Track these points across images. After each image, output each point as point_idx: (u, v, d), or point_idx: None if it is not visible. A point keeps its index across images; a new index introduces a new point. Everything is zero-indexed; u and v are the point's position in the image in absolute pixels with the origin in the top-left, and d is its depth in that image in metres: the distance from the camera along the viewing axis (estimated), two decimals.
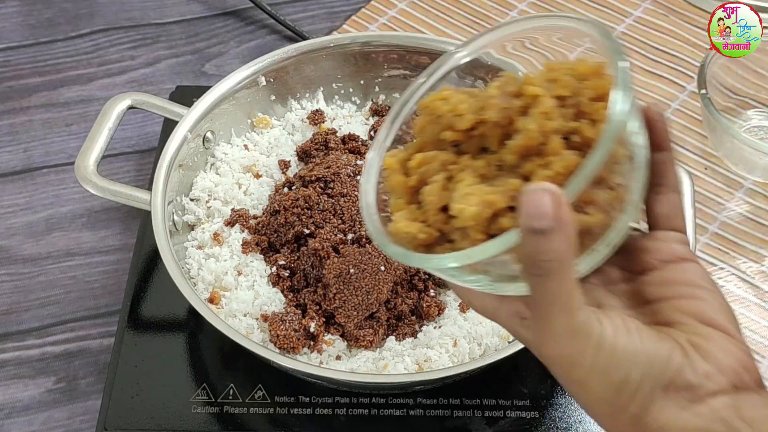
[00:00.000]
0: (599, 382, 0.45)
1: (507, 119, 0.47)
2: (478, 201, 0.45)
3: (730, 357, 0.46)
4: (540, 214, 0.42)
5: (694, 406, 0.45)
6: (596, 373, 0.45)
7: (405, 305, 0.74)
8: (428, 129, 0.50)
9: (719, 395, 0.45)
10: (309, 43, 0.89)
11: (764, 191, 0.93)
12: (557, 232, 0.42)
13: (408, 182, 0.49)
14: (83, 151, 0.79)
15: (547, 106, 0.46)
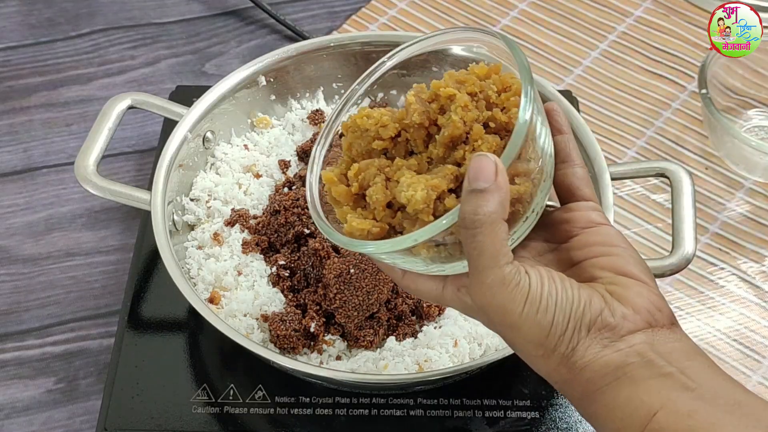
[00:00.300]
0: (531, 325, 0.51)
1: (428, 120, 0.55)
2: (424, 186, 0.52)
3: (644, 300, 0.52)
4: (483, 177, 0.49)
5: (614, 344, 0.51)
6: (527, 318, 0.51)
7: (405, 305, 0.74)
8: (356, 144, 0.57)
9: (636, 333, 0.51)
10: (309, 43, 0.89)
11: (765, 191, 0.93)
12: (493, 192, 0.49)
13: (350, 191, 0.55)
14: (83, 151, 0.79)
15: (465, 99, 0.53)
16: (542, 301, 0.51)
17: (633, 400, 0.49)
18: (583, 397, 0.52)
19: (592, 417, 0.52)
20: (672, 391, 0.49)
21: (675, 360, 0.50)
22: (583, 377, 0.51)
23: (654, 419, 0.48)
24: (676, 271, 0.71)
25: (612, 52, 1.05)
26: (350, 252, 0.73)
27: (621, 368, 0.50)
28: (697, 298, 0.85)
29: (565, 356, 0.51)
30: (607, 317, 0.51)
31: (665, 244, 0.87)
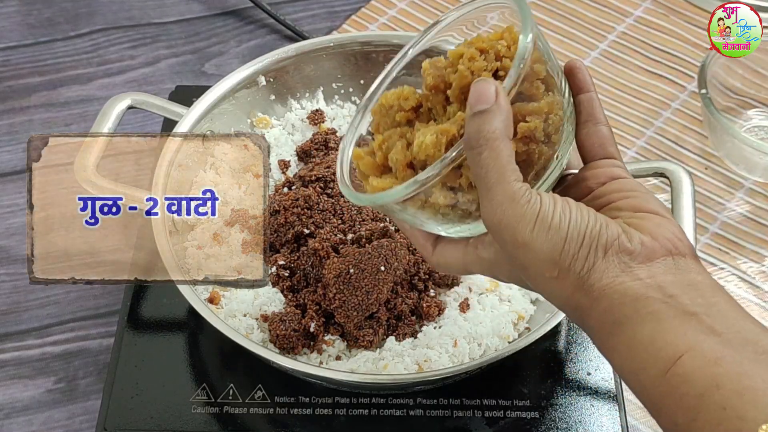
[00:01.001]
0: (543, 241, 0.50)
1: (443, 83, 0.56)
2: (435, 131, 0.53)
3: (663, 229, 0.52)
4: (483, 98, 0.51)
5: (633, 270, 0.50)
6: (539, 233, 0.50)
7: (405, 305, 0.74)
8: (382, 122, 0.58)
9: (656, 261, 0.50)
10: (309, 43, 0.89)
11: (765, 191, 0.93)
12: (495, 111, 0.50)
13: (376, 161, 0.57)
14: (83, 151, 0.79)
15: (471, 52, 0.55)
16: (554, 218, 0.50)
17: (656, 339, 0.48)
18: (601, 327, 0.50)
19: (610, 351, 0.51)
20: (699, 334, 0.47)
21: (700, 296, 0.49)
22: (600, 305, 0.50)
23: (679, 362, 0.47)
24: None
25: (612, 52, 1.05)
26: (350, 252, 0.73)
27: (641, 301, 0.49)
28: None
29: (580, 277, 0.50)
30: (624, 242, 0.50)
31: None
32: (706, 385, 0.46)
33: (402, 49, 0.65)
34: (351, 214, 0.77)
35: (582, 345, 0.77)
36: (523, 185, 0.51)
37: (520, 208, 0.51)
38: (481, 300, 0.75)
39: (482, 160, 0.51)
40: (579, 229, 0.50)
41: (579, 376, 0.75)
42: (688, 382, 0.46)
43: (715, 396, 0.45)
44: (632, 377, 0.50)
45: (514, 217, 0.51)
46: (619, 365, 0.50)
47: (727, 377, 0.46)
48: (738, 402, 0.45)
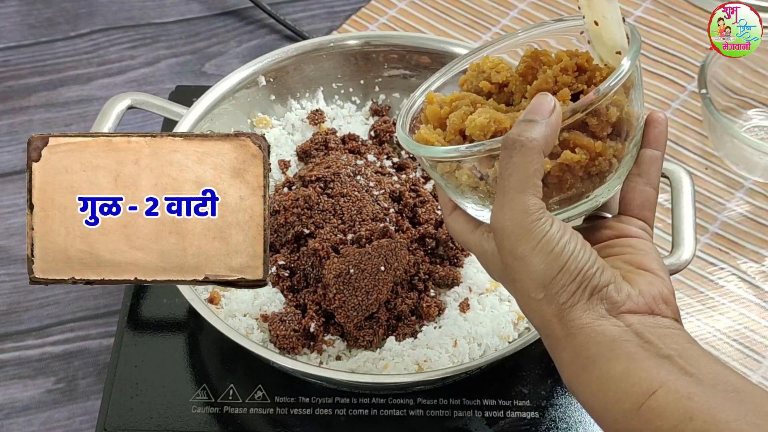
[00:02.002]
0: (540, 262, 0.51)
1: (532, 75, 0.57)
2: (488, 116, 0.55)
3: (653, 288, 0.53)
4: (539, 111, 0.52)
5: (612, 318, 0.51)
6: (539, 252, 0.51)
7: (405, 305, 0.74)
8: (470, 80, 0.60)
9: (636, 314, 0.51)
10: (309, 43, 0.89)
11: (764, 191, 0.93)
12: (542, 124, 0.52)
13: (441, 112, 0.59)
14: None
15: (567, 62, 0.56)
16: (558, 245, 0.51)
17: (630, 375, 0.49)
18: (574, 361, 0.51)
19: (581, 386, 0.52)
20: (671, 374, 0.49)
21: (674, 342, 0.50)
22: (576, 341, 0.51)
23: (652, 397, 0.48)
24: (675, 271, 0.71)
25: None
26: (350, 252, 0.73)
27: (617, 342, 0.50)
28: (697, 298, 0.85)
29: (562, 309, 0.51)
30: (611, 291, 0.52)
31: (665, 244, 0.87)
32: (680, 417, 0.47)
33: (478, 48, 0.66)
34: (351, 214, 0.77)
35: None
36: (539, 203, 0.52)
37: (529, 224, 0.51)
38: (481, 300, 0.75)
39: (511, 163, 0.52)
40: (577, 264, 0.51)
41: None
42: (662, 416, 0.48)
43: (688, 427, 0.47)
44: (604, 412, 0.50)
45: (520, 229, 0.52)
46: (590, 401, 0.51)
47: (700, 410, 0.47)
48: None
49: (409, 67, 0.90)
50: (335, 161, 0.81)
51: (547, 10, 1.09)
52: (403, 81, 0.90)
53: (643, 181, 0.58)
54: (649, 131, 0.58)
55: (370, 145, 0.86)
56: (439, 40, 0.90)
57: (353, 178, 0.79)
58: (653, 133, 0.58)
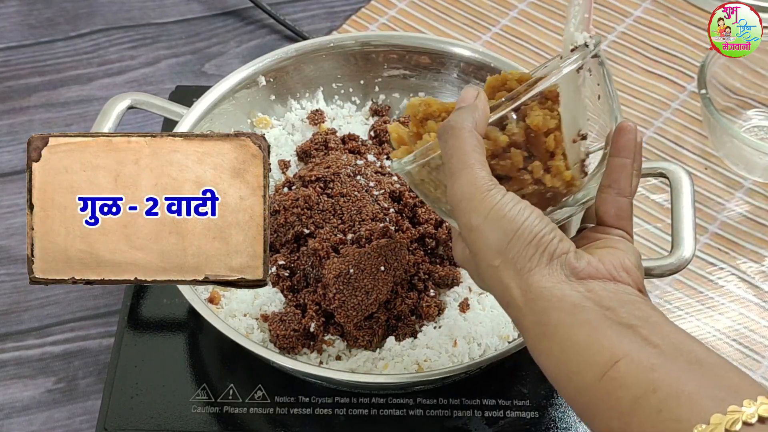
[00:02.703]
0: (493, 228, 0.52)
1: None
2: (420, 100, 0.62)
3: (614, 258, 0.53)
4: (465, 99, 0.56)
5: (572, 283, 0.51)
6: (491, 220, 0.52)
7: (405, 305, 0.74)
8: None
9: (597, 280, 0.51)
10: (309, 43, 0.89)
11: (764, 191, 0.93)
12: (468, 109, 0.55)
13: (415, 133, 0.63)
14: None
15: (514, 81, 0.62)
16: (510, 212, 0.52)
17: (592, 344, 0.49)
18: (534, 328, 0.51)
19: (543, 354, 0.51)
20: (634, 344, 0.48)
21: (636, 310, 0.50)
22: (536, 306, 0.51)
23: (615, 367, 0.48)
24: (675, 271, 0.71)
25: (612, 52, 1.05)
26: (350, 252, 0.73)
27: (578, 308, 0.50)
28: (696, 298, 0.85)
29: (520, 274, 0.52)
30: (571, 258, 0.52)
31: (665, 244, 0.88)
32: (643, 389, 0.47)
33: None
34: (351, 214, 0.77)
35: None
36: (488, 176, 0.54)
37: (479, 194, 0.53)
38: (480, 300, 0.75)
39: (448, 146, 0.55)
40: (532, 229, 0.52)
41: None
42: (624, 386, 0.47)
43: (651, 399, 0.46)
44: (566, 382, 0.50)
45: (471, 201, 0.53)
46: (552, 370, 0.51)
47: (663, 382, 0.46)
48: (674, 404, 0.46)
49: (409, 67, 0.90)
50: (335, 161, 0.81)
51: (547, 10, 1.09)
52: (403, 81, 0.90)
53: (614, 192, 0.57)
54: (617, 140, 0.58)
55: (370, 145, 0.86)
56: (439, 40, 0.90)
57: (353, 178, 0.79)
58: (621, 142, 0.57)
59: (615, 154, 0.57)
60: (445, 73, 0.89)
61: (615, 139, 0.58)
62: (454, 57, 0.88)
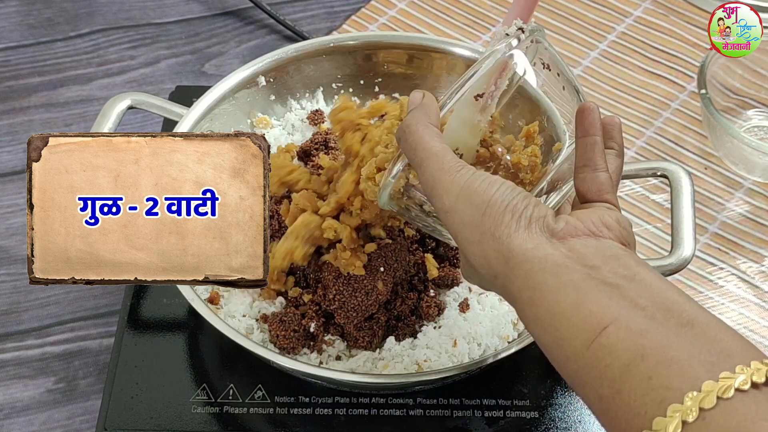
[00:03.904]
0: (466, 205, 0.53)
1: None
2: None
3: (593, 215, 0.53)
4: (412, 103, 0.59)
5: (554, 243, 0.51)
6: (463, 198, 0.53)
7: (404, 306, 0.74)
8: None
9: (578, 237, 0.51)
10: (309, 43, 0.89)
11: (764, 191, 0.93)
12: (418, 108, 0.58)
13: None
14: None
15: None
16: (480, 185, 0.53)
17: (581, 308, 0.48)
18: (521, 294, 0.51)
19: (532, 321, 0.51)
20: (622, 308, 0.47)
21: (621, 267, 0.49)
22: (521, 270, 0.51)
23: (604, 332, 0.47)
24: (675, 271, 0.71)
25: (611, 52, 1.05)
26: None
27: (561, 269, 0.49)
28: (696, 298, 0.85)
29: (500, 242, 0.52)
30: (549, 221, 0.52)
31: (665, 244, 0.88)
32: (632, 356, 0.46)
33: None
34: None
35: None
36: (455, 159, 0.55)
37: (448, 176, 0.54)
38: (480, 300, 0.75)
39: (409, 143, 0.57)
40: (503, 198, 0.53)
41: None
42: (613, 353, 0.46)
43: (640, 366, 0.45)
44: (555, 349, 0.49)
45: (441, 184, 0.54)
46: (542, 337, 0.50)
47: (652, 348, 0.45)
48: (664, 372, 0.45)
49: (409, 67, 0.90)
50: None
51: (547, 10, 1.09)
52: (403, 81, 0.90)
53: (590, 169, 0.57)
54: (581, 121, 0.58)
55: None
56: (439, 40, 0.90)
57: None
58: (586, 123, 0.57)
59: (582, 134, 0.57)
60: (446, 73, 0.89)
61: (578, 120, 0.58)
62: (454, 57, 0.88)
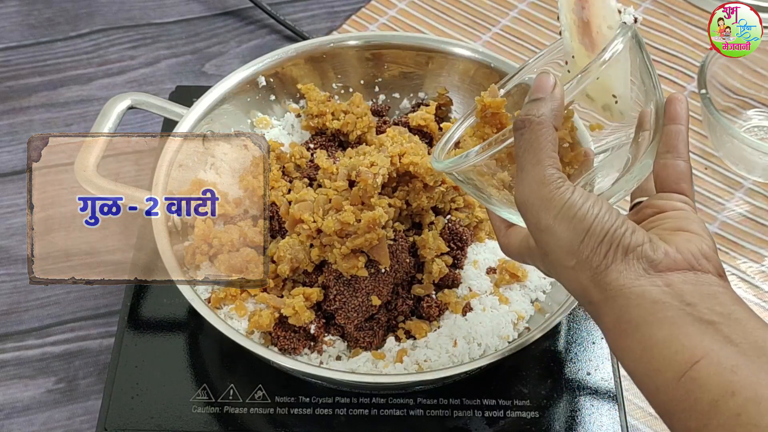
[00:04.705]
0: (565, 229, 0.52)
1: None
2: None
3: (691, 245, 0.51)
4: (541, 89, 0.54)
5: (651, 277, 0.50)
6: (562, 220, 0.52)
7: (405, 306, 0.74)
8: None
9: (677, 271, 0.50)
10: (309, 43, 0.89)
11: (764, 191, 0.93)
12: (547, 100, 0.54)
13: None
14: (83, 151, 0.79)
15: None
16: (580, 210, 0.51)
17: (673, 343, 0.48)
18: (615, 326, 0.51)
19: (624, 351, 0.51)
20: (715, 342, 0.48)
21: (718, 305, 0.49)
22: (616, 304, 0.50)
23: (695, 367, 0.47)
24: None
25: None
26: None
27: (659, 305, 0.49)
28: None
29: (597, 273, 0.51)
30: (647, 250, 0.51)
31: None
32: (722, 391, 0.46)
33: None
34: None
35: (582, 345, 0.77)
36: (557, 173, 0.52)
37: (549, 193, 0.52)
38: (481, 300, 0.75)
39: (523, 140, 0.53)
40: (603, 225, 0.51)
41: (579, 376, 0.75)
42: (703, 387, 0.47)
43: (729, 403, 0.46)
44: (646, 380, 0.50)
45: (541, 200, 0.52)
46: (633, 367, 0.50)
47: (743, 385, 0.46)
48: (754, 409, 0.45)
49: (409, 67, 0.90)
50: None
51: (547, 10, 1.09)
52: (403, 81, 0.90)
53: (672, 156, 0.58)
54: (670, 109, 0.58)
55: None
56: (439, 40, 0.90)
57: None
58: (672, 111, 0.58)
59: (669, 122, 0.58)
60: (446, 73, 0.89)
61: (667, 108, 0.58)
62: (454, 57, 0.88)
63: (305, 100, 0.88)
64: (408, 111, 0.90)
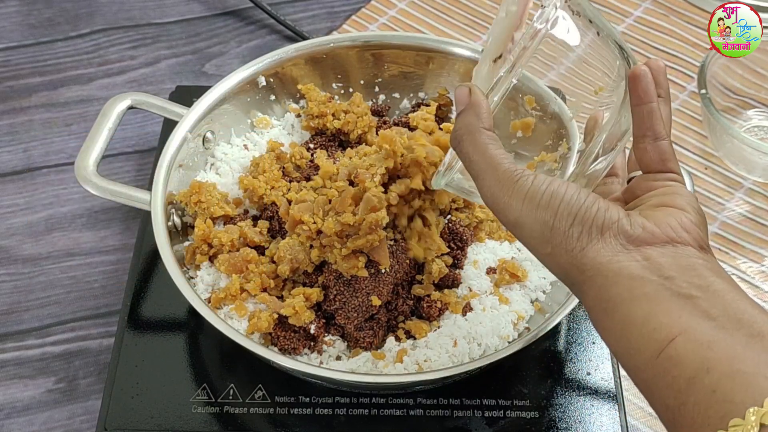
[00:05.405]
0: (533, 219, 0.52)
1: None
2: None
3: (670, 218, 0.51)
4: (460, 101, 0.56)
5: (630, 252, 0.49)
6: (529, 211, 0.52)
7: (405, 306, 0.74)
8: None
9: (655, 245, 0.49)
10: (309, 43, 0.89)
11: (764, 191, 0.93)
12: (468, 109, 0.55)
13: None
14: (83, 151, 0.79)
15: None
16: (543, 197, 0.51)
17: (650, 320, 0.48)
18: (595, 306, 0.51)
19: (605, 331, 0.51)
20: (693, 318, 0.47)
21: (697, 277, 0.49)
22: (595, 283, 0.50)
23: (672, 344, 0.47)
24: None
25: None
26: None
27: (636, 281, 0.49)
28: None
29: (573, 254, 0.51)
30: (624, 225, 0.51)
31: None
32: (697, 368, 0.46)
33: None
34: None
35: (582, 345, 0.77)
36: (511, 167, 0.53)
37: (507, 190, 0.53)
38: (481, 300, 0.75)
39: (464, 153, 0.55)
40: (570, 208, 0.51)
41: (579, 376, 0.75)
42: (680, 365, 0.47)
43: (705, 380, 0.46)
44: (626, 358, 0.50)
45: (503, 198, 0.53)
46: (614, 345, 0.51)
47: (718, 361, 0.46)
48: (728, 385, 0.45)
49: (410, 67, 0.90)
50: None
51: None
52: (403, 81, 0.90)
53: (650, 139, 0.56)
54: (635, 88, 0.55)
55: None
56: (439, 40, 0.90)
57: None
58: (639, 89, 0.55)
59: (637, 102, 0.56)
60: (446, 73, 0.89)
61: (632, 88, 0.56)
62: (454, 57, 0.88)
63: (305, 100, 0.88)
64: (408, 111, 0.90)
